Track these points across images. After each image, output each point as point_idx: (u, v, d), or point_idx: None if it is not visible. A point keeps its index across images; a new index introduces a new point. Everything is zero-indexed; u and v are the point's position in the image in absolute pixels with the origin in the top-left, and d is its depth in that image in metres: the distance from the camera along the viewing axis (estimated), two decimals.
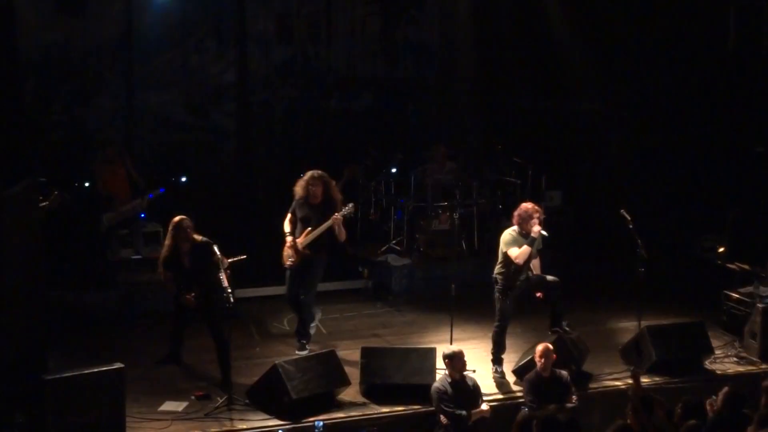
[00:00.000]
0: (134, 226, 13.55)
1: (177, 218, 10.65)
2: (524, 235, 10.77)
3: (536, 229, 10.70)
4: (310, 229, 11.24)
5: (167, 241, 10.67)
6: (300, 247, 11.27)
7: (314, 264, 11.39)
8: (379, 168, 15.32)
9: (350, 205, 11.49)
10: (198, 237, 10.62)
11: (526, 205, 10.96)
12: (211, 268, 10.43)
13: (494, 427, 9.84)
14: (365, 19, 17.04)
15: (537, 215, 10.78)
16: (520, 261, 10.73)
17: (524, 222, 10.79)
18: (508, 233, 10.90)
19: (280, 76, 16.64)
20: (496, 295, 10.98)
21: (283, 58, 16.67)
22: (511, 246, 10.78)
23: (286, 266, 11.43)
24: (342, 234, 11.35)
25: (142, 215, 13.62)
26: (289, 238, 11.31)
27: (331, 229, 11.24)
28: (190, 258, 10.49)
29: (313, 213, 11.29)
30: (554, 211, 15.19)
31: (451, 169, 15.05)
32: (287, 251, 11.37)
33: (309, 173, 11.35)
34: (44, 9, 15.13)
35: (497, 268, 10.97)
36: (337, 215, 11.20)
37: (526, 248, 10.71)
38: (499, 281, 10.94)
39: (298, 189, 11.39)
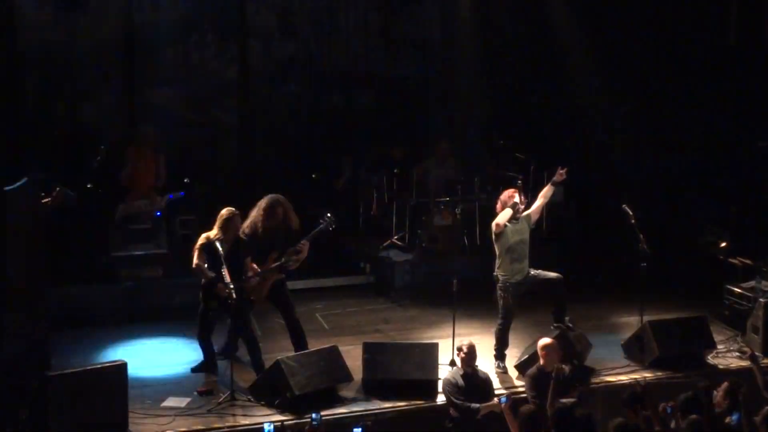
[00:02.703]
0: (156, 221, 13.53)
1: (229, 212, 10.52)
2: (510, 220, 10.88)
3: (516, 199, 10.89)
4: (277, 255, 10.77)
5: (215, 231, 10.46)
6: (272, 272, 10.81)
7: (284, 283, 11.03)
8: (381, 164, 15.35)
9: (328, 216, 11.03)
10: (240, 232, 10.61)
11: (505, 193, 11.09)
12: (241, 263, 10.44)
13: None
14: (367, 16, 17.03)
15: (515, 193, 10.97)
16: (500, 222, 10.82)
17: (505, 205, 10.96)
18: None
19: (282, 72, 16.65)
20: (498, 293, 11.00)
21: (285, 55, 16.68)
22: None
23: (253, 298, 10.85)
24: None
25: (158, 213, 13.59)
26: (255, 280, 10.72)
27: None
28: (228, 250, 10.35)
29: (275, 238, 10.84)
30: (556, 206, 15.20)
31: (452, 165, 15.07)
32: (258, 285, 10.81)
33: (264, 203, 10.86)
34: (45, 6, 15.14)
35: (496, 264, 11.01)
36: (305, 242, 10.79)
37: (507, 211, 10.83)
38: (500, 278, 10.97)
39: (259, 223, 10.81)
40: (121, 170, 13.62)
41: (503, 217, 10.85)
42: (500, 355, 11.11)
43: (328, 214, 11.04)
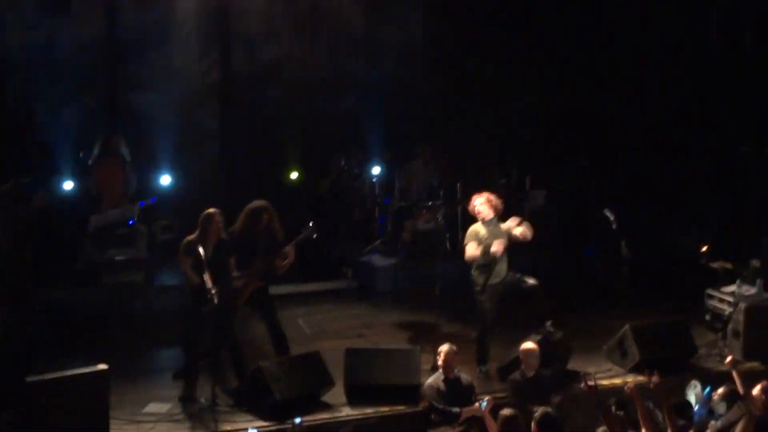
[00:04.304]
0: (134, 227, 13.48)
1: (210, 211, 10.47)
2: (487, 224, 10.94)
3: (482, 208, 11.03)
4: (259, 261, 10.79)
5: (197, 233, 10.41)
6: (253, 278, 10.80)
7: (266, 288, 11.01)
8: (362, 169, 15.35)
9: (311, 224, 11.08)
10: (222, 234, 10.56)
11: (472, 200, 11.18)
12: (226, 265, 10.42)
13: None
14: (350, 19, 17.03)
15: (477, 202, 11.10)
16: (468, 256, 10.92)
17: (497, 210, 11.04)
18: (471, 228, 11.11)
19: (265, 76, 16.63)
20: (476, 297, 11.01)
21: (267, 58, 16.66)
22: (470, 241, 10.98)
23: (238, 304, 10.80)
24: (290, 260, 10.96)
25: (131, 221, 13.54)
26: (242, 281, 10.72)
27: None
28: (210, 250, 10.33)
29: (258, 244, 10.84)
30: (538, 210, 15.24)
31: (435, 168, 15.08)
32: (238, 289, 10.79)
33: (249, 209, 10.85)
34: (26, 9, 15.09)
35: (473, 268, 11.03)
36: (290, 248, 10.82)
37: (474, 249, 10.87)
38: (477, 281, 10.98)
39: (244, 228, 10.82)
40: (88, 181, 13.56)
41: (471, 251, 10.88)
42: (482, 359, 11.12)
43: (311, 223, 11.04)
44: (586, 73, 16.59)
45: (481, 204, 11.00)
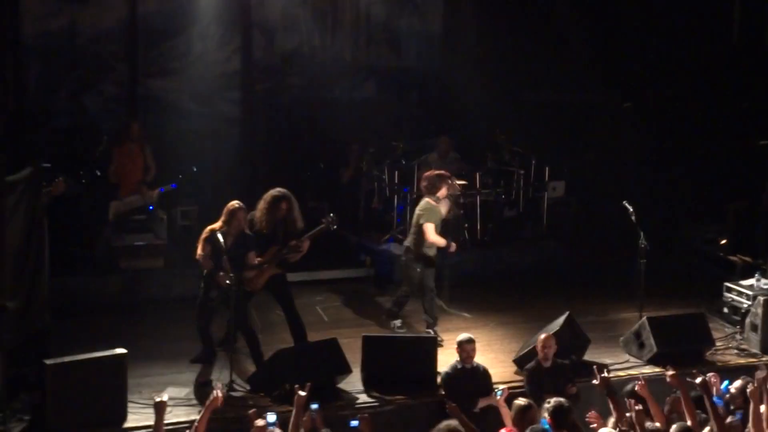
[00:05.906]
0: (154, 212, 13.53)
1: (235, 205, 10.51)
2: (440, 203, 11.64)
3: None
4: (278, 248, 10.82)
5: (219, 223, 10.48)
6: (270, 264, 10.84)
7: (284, 275, 11.09)
8: (383, 157, 15.34)
9: (331, 216, 11.08)
10: (245, 229, 10.60)
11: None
12: (244, 259, 10.46)
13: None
14: (370, 8, 17.04)
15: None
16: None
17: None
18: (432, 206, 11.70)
19: (285, 64, 16.65)
20: (419, 269, 11.64)
21: (288, 47, 16.68)
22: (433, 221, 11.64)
23: (249, 290, 10.84)
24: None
25: (151, 207, 13.59)
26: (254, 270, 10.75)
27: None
28: (232, 243, 10.41)
29: (276, 232, 10.87)
30: (557, 201, 15.23)
31: (454, 159, 15.07)
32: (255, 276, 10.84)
33: (269, 196, 10.87)
34: None
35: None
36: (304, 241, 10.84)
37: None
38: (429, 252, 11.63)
39: (263, 216, 10.83)
40: (108, 168, 13.62)
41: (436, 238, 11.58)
42: (394, 315, 11.90)
43: (331, 214, 11.03)
44: (606, 66, 16.54)
45: (451, 184, 11.54)
